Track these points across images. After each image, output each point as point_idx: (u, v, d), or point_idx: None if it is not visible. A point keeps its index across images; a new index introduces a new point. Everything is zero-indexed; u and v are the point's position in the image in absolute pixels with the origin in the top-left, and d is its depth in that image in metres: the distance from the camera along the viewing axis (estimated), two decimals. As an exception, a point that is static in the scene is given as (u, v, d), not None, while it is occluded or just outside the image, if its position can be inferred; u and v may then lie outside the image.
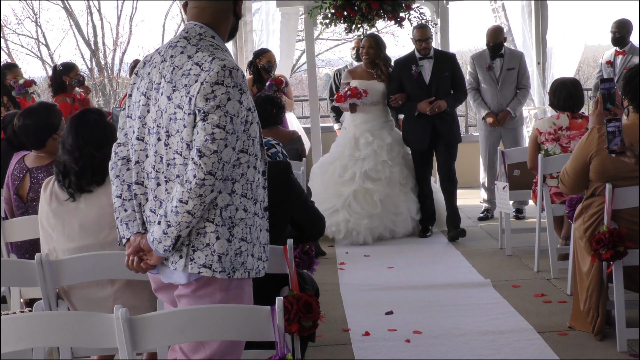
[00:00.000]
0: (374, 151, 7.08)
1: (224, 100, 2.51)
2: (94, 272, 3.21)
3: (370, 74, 7.18)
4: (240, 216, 2.63)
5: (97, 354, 3.49)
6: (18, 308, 3.88)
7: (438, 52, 7.16)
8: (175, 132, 2.58)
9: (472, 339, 4.42)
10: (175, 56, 2.63)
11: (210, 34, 2.69)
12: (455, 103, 7.04)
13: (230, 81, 2.53)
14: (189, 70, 2.57)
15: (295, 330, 2.55)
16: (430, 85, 6.92)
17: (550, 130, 5.60)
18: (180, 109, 2.56)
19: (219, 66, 2.53)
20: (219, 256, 2.58)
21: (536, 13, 9.29)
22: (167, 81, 2.61)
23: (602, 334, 4.25)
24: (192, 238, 2.59)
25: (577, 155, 4.26)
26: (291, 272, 3.18)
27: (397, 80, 7.07)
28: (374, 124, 7.21)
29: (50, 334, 2.46)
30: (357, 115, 7.19)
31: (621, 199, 4.11)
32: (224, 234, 2.59)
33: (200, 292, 2.64)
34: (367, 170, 7.04)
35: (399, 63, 7.12)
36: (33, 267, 3.13)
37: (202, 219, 2.57)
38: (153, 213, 2.66)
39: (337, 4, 7.67)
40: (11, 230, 4.07)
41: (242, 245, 2.63)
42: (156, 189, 2.65)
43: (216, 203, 2.58)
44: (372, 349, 4.33)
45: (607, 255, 4.02)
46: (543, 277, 5.64)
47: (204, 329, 2.47)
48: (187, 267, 2.59)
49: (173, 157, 2.59)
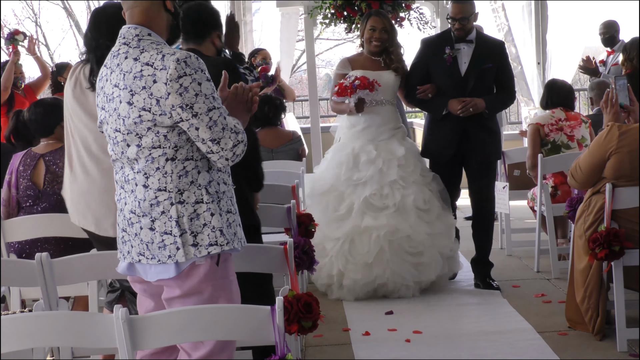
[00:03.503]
0: (378, 170, 5.27)
1: (197, 87, 2.59)
2: (95, 272, 3.21)
3: (376, 62, 5.39)
4: (222, 189, 2.72)
5: (100, 354, 3.49)
6: (18, 308, 3.88)
7: (482, 36, 5.40)
8: (146, 131, 2.62)
9: (472, 339, 4.42)
10: (121, 63, 2.66)
11: (146, 32, 2.71)
12: (497, 105, 5.35)
13: (190, 69, 2.59)
14: (140, 72, 2.60)
15: (295, 330, 2.55)
16: (466, 77, 5.20)
17: (552, 122, 5.70)
18: (146, 111, 2.60)
19: (173, 61, 2.58)
20: (220, 230, 2.65)
21: (536, 13, 9.29)
22: (121, 89, 2.64)
23: (602, 334, 4.25)
24: (187, 226, 2.62)
25: (594, 151, 4.23)
26: (291, 272, 3.19)
27: (423, 65, 5.34)
28: (380, 131, 5.38)
29: (50, 334, 2.46)
30: (357, 120, 5.39)
31: (621, 199, 4.11)
32: (216, 209, 2.66)
33: (185, 287, 2.65)
34: (369, 197, 5.23)
35: (428, 43, 5.43)
36: (33, 267, 3.13)
37: (189, 204, 2.63)
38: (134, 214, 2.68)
39: (337, 4, 7.67)
40: (11, 230, 4.07)
41: (230, 217, 2.71)
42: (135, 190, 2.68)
43: (199, 183, 2.65)
44: (372, 349, 4.33)
45: (601, 255, 4.02)
46: (543, 277, 5.64)
47: (204, 328, 2.47)
48: (189, 254, 2.61)
49: (149, 153, 2.64)
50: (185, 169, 2.64)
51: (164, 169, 2.63)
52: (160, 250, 2.63)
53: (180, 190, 2.63)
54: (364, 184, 5.28)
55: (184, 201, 2.63)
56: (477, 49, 5.22)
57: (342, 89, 5.21)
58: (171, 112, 2.58)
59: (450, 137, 5.25)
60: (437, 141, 5.35)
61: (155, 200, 2.63)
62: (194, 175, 2.65)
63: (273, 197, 4.59)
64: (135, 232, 2.69)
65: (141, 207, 2.66)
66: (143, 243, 2.67)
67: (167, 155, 2.63)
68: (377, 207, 5.21)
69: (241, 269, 3.26)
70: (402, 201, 5.20)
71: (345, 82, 5.20)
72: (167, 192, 2.63)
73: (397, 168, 5.28)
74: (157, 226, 2.64)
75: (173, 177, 2.63)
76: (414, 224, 5.17)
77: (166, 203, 2.63)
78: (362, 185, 5.28)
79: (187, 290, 2.66)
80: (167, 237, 2.63)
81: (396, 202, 5.19)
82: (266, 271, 3.52)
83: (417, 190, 5.25)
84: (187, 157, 2.65)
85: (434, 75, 5.30)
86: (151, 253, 2.65)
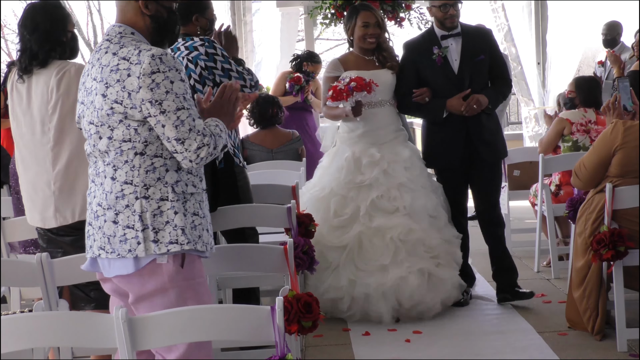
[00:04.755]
0: (383, 172, 4.82)
1: (168, 84, 2.60)
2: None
3: (370, 61, 4.96)
4: (190, 191, 2.72)
5: (95, 354, 3.49)
6: (18, 308, 3.88)
7: (466, 27, 4.94)
8: (117, 123, 2.65)
9: (472, 338, 4.41)
10: (101, 57, 2.70)
11: (130, 31, 2.75)
12: (498, 98, 4.93)
13: (165, 67, 2.61)
14: (116, 66, 2.64)
15: (295, 330, 2.55)
16: (460, 74, 4.82)
17: (582, 122, 5.53)
18: (118, 103, 2.63)
19: (148, 57, 2.60)
20: (182, 229, 2.66)
21: (536, 13, 9.30)
22: (98, 81, 2.68)
23: (602, 334, 4.25)
24: (150, 222, 2.64)
25: (599, 148, 4.23)
26: (291, 272, 3.19)
27: (411, 70, 4.92)
28: (381, 134, 4.93)
29: (50, 334, 2.46)
30: (355, 124, 4.91)
31: (622, 199, 4.11)
32: (180, 209, 2.67)
33: (148, 287, 2.66)
34: (376, 199, 4.78)
35: (412, 46, 4.97)
36: (33, 267, 3.13)
37: (154, 200, 2.64)
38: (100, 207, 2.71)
39: (337, 4, 7.67)
40: (11, 230, 4.07)
41: (196, 220, 2.71)
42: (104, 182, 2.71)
43: (166, 181, 2.67)
44: (372, 349, 4.33)
45: (607, 256, 4.01)
46: (543, 277, 5.64)
47: (203, 328, 2.47)
48: (149, 250, 2.62)
49: (119, 145, 2.66)
50: (153, 164, 2.66)
51: (132, 162, 2.66)
52: (121, 244, 2.65)
53: (146, 185, 2.66)
54: (369, 187, 4.80)
55: (148, 197, 2.65)
56: (465, 42, 4.84)
57: (337, 93, 4.68)
58: (141, 106, 2.61)
59: (455, 140, 4.83)
60: (441, 146, 4.90)
61: (121, 193, 2.66)
62: (161, 172, 2.67)
63: (273, 197, 4.59)
64: (99, 225, 2.71)
65: (107, 200, 2.69)
66: (105, 236, 2.69)
67: (137, 149, 2.66)
68: (386, 210, 4.75)
69: (241, 269, 3.28)
70: (413, 204, 4.75)
71: (339, 85, 4.69)
72: (133, 186, 2.65)
73: (404, 170, 4.85)
74: (120, 219, 2.66)
75: (140, 171, 2.66)
76: (426, 228, 4.73)
77: (131, 197, 2.65)
78: (367, 187, 4.80)
79: (150, 291, 2.67)
80: (129, 230, 2.65)
81: (406, 205, 4.74)
82: (266, 271, 3.52)
83: (426, 196, 4.84)
84: (157, 154, 2.67)
85: (427, 78, 4.87)
86: (112, 247, 2.67)
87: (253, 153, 6.16)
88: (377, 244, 4.67)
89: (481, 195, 4.98)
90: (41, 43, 3.54)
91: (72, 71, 3.53)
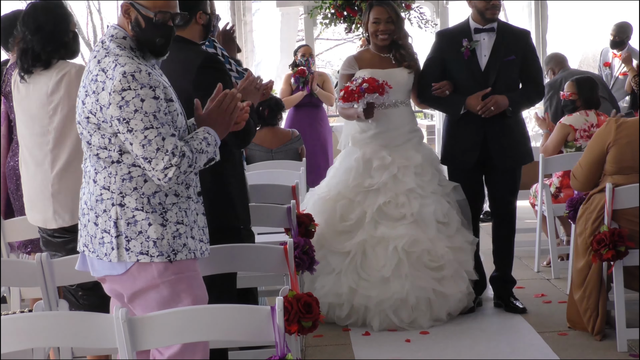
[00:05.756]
0: (392, 177, 4.69)
1: (138, 102, 2.57)
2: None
3: (386, 59, 4.79)
4: (171, 201, 2.70)
5: (93, 354, 3.49)
6: (18, 308, 3.88)
7: (504, 25, 4.78)
8: (94, 132, 2.66)
9: (472, 338, 4.41)
10: (91, 61, 2.70)
11: (122, 34, 2.73)
12: (522, 102, 4.71)
13: (137, 84, 2.57)
14: (96, 76, 2.64)
15: (295, 330, 2.55)
16: (487, 72, 4.62)
17: (584, 127, 5.45)
18: (92, 114, 2.64)
19: (120, 74, 2.58)
20: (154, 241, 2.65)
21: (536, 13, 9.31)
22: (82, 86, 2.70)
23: (602, 334, 4.25)
24: (123, 229, 2.64)
25: (592, 146, 4.25)
26: (291, 272, 3.19)
27: (439, 61, 4.74)
28: (394, 136, 4.79)
29: (50, 334, 2.46)
30: (367, 125, 4.78)
31: (622, 199, 4.11)
32: (157, 220, 2.66)
33: (139, 283, 2.67)
34: (383, 205, 4.66)
35: (444, 35, 4.84)
36: (33, 267, 3.13)
37: (129, 209, 2.64)
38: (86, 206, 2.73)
39: (337, 4, 7.68)
40: (11, 230, 4.06)
41: (180, 228, 2.70)
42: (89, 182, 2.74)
43: (143, 192, 2.66)
44: (372, 349, 4.33)
45: (608, 256, 4.01)
46: (543, 277, 5.63)
47: (203, 328, 2.47)
48: (122, 257, 2.64)
49: (96, 152, 2.68)
50: (130, 174, 2.66)
51: (109, 169, 2.67)
52: (100, 247, 2.69)
53: (122, 194, 2.66)
54: (377, 192, 4.68)
55: (124, 205, 2.66)
56: (498, 39, 4.61)
57: (348, 94, 4.58)
58: (111, 122, 2.61)
59: (473, 140, 4.67)
60: (458, 145, 4.75)
61: (100, 197, 2.68)
62: (138, 182, 2.66)
63: (273, 197, 4.58)
64: (84, 223, 2.75)
65: (90, 201, 2.71)
66: (88, 235, 2.73)
67: (112, 157, 2.66)
68: (393, 217, 4.63)
69: (241, 269, 3.27)
70: (421, 212, 4.62)
71: (351, 86, 4.57)
72: (110, 192, 2.66)
73: (414, 176, 4.71)
74: (99, 222, 2.69)
75: (117, 179, 2.66)
76: (433, 237, 4.59)
77: (108, 202, 2.67)
78: (375, 192, 4.68)
79: (142, 287, 2.69)
80: (105, 235, 2.67)
81: (414, 212, 4.61)
82: (266, 271, 3.52)
83: (436, 201, 4.69)
84: (134, 164, 2.66)
85: (451, 71, 4.69)
86: (93, 247, 2.71)
87: (253, 153, 6.16)
88: (380, 253, 4.55)
89: (496, 199, 4.85)
90: (44, 43, 3.50)
91: (73, 73, 3.52)
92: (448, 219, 4.69)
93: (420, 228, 4.60)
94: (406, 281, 4.47)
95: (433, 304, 4.54)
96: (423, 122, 9.30)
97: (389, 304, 4.49)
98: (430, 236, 4.59)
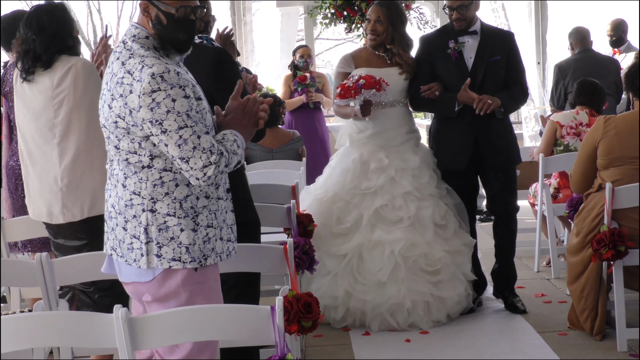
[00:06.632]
0: (390, 179, 4.68)
1: (170, 103, 2.52)
2: (95, 272, 3.20)
3: (382, 59, 4.80)
4: (202, 204, 2.66)
5: (96, 354, 3.50)
6: (18, 308, 3.88)
7: (487, 27, 4.84)
8: (122, 136, 2.61)
9: (472, 338, 4.41)
10: (113, 62, 2.65)
11: (144, 34, 2.67)
12: (511, 103, 4.72)
13: (166, 85, 2.52)
14: (122, 79, 2.58)
15: (295, 330, 2.55)
16: (474, 72, 4.66)
17: (572, 125, 5.52)
18: (121, 119, 2.59)
19: (148, 75, 2.53)
20: (187, 247, 2.62)
21: (536, 13, 9.31)
22: (107, 89, 2.64)
23: (602, 334, 4.25)
24: (154, 235, 2.60)
25: (584, 144, 4.34)
26: (291, 272, 3.19)
27: (426, 65, 4.78)
28: (391, 136, 4.78)
29: (50, 334, 2.46)
30: (365, 125, 4.77)
31: (621, 199, 4.12)
32: (189, 225, 2.62)
33: (163, 291, 2.65)
34: (380, 208, 4.64)
35: (428, 40, 4.88)
36: (33, 267, 3.13)
37: (160, 214, 2.60)
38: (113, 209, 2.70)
39: (337, 4, 7.68)
40: (11, 230, 4.07)
41: (210, 232, 2.67)
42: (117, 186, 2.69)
43: (175, 196, 2.61)
44: (372, 349, 4.33)
45: (608, 255, 4.02)
46: (543, 277, 5.64)
47: (203, 329, 2.47)
48: (152, 263, 2.61)
49: (126, 157, 2.63)
50: (162, 179, 2.61)
51: (139, 174, 2.62)
52: (129, 252, 2.65)
53: (154, 199, 2.61)
54: (374, 194, 4.66)
55: (155, 210, 2.61)
56: (482, 41, 4.68)
57: (345, 90, 4.56)
58: (142, 125, 2.55)
59: (462, 143, 4.69)
60: (448, 147, 4.77)
61: (130, 202, 2.63)
62: (170, 187, 2.62)
63: (273, 197, 4.58)
64: (112, 227, 2.71)
65: (119, 205, 2.67)
66: (117, 239, 2.69)
67: (143, 162, 2.61)
68: (389, 220, 4.61)
69: (240, 268, 3.27)
70: (418, 215, 4.60)
71: (348, 83, 4.57)
72: (141, 198, 2.61)
73: (411, 179, 4.69)
74: (128, 227, 2.64)
75: (148, 184, 2.61)
76: (430, 240, 4.58)
77: (138, 208, 2.62)
78: (372, 195, 4.66)
79: (164, 294, 2.66)
80: (135, 240, 2.63)
81: (411, 215, 4.59)
82: (266, 271, 3.52)
83: (434, 204, 4.67)
84: (165, 168, 2.61)
85: (440, 73, 4.73)
86: (121, 251, 2.67)
87: (253, 153, 6.15)
88: (376, 257, 4.53)
89: (494, 200, 4.84)
90: (47, 45, 3.51)
91: (79, 65, 3.52)
92: (445, 222, 4.68)
93: (417, 231, 4.59)
94: (402, 285, 4.46)
95: (431, 307, 4.53)
96: (423, 121, 9.28)
97: (385, 308, 4.49)
98: (427, 239, 4.58)
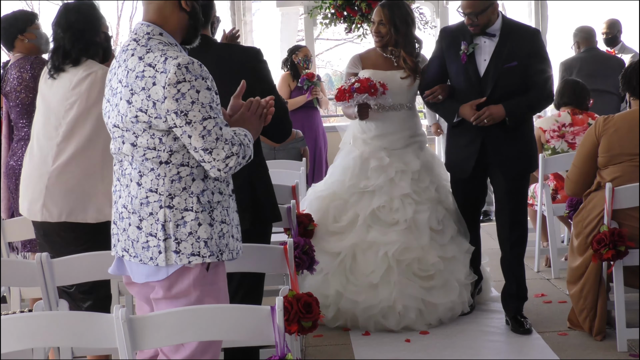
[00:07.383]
0: (389, 180, 4.64)
1: (194, 94, 2.54)
2: (95, 272, 3.21)
3: (389, 61, 4.72)
4: (217, 199, 2.68)
5: (93, 354, 3.50)
6: (18, 308, 3.88)
7: (509, 25, 4.36)
8: (142, 132, 2.61)
9: (472, 338, 4.41)
10: (127, 59, 2.64)
11: (158, 31, 2.68)
12: (521, 111, 4.34)
13: (191, 76, 2.54)
14: (142, 73, 2.58)
15: (295, 330, 2.55)
16: (485, 79, 4.33)
17: (554, 128, 5.56)
18: (143, 112, 2.58)
19: (174, 66, 2.53)
20: (205, 241, 2.62)
21: (536, 13, 9.30)
22: (124, 85, 2.63)
23: (603, 334, 4.25)
24: (172, 232, 2.60)
25: (584, 143, 4.33)
26: (291, 272, 3.19)
27: (440, 60, 4.53)
28: (393, 140, 4.73)
29: (50, 334, 2.46)
30: (367, 127, 4.74)
31: (621, 199, 4.12)
32: (206, 219, 2.63)
33: (174, 290, 2.65)
34: (377, 209, 4.61)
35: (446, 33, 4.55)
36: (33, 267, 3.13)
37: (178, 210, 2.61)
38: (125, 209, 2.69)
39: (337, 4, 7.69)
40: (11, 230, 4.07)
41: (224, 228, 2.68)
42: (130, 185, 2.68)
43: (192, 191, 2.63)
44: (372, 349, 4.33)
45: (608, 255, 4.02)
46: (543, 277, 5.64)
47: (203, 329, 2.47)
48: (170, 260, 2.60)
49: (143, 153, 2.63)
50: (179, 174, 2.62)
51: (157, 171, 2.62)
52: (144, 251, 2.63)
53: (171, 195, 2.61)
54: (372, 194, 4.63)
55: (173, 206, 2.61)
56: (501, 43, 4.29)
57: (340, 93, 4.56)
58: (166, 117, 2.55)
59: (469, 150, 4.43)
60: (456, 153, 4.56)
61: (145, 200, 2.63)
62: (187, 182, 2.63)
63: (273, 197, 4.57)
64: (124, 227, 2.69)
65: (132, 204, 2.65)
66: (129, 240, 2.67)
67: (162, 158, 2.61)
68: (385, 222, 4.57)
69: (241, 268, 3.27)
70: (414, 218, 4.56)
71: (344, 85, 4.55)
72: (158, 195, 2.61)
73: (411, 182, 4.63)
74: (143, 226, 2.63)
75: (165, 180, 2.61)
76: (425, 245, 4.53)
77: (155, 205, 2.61)
78: (370, 194, 4.63)
79: (175, 293, 2.65)
80: (151, 238, 2.62)
81: (407, 218, 4.55)
82: (266, 271, 3.52)
83: (432, 208, 4.62)
84: (183, 163, 2.62)
85: (450, 73, 4.46)
86: (135, 251, 2.65)
87: (254, 151, 6.15)
88: (370, 258, 4.50)
89: (501, 210, 4.54)
90: (74, 42, 3.57)
91: (99, 74, 3.55)
92: (442, 227, 4.63)
93: (413, 235, 4.55)
94: (394, 288, 4.44)
95: (423, 312, 4.52)
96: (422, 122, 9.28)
97: (376, 310, 4.47)
98: (422, 244, 4.54)
